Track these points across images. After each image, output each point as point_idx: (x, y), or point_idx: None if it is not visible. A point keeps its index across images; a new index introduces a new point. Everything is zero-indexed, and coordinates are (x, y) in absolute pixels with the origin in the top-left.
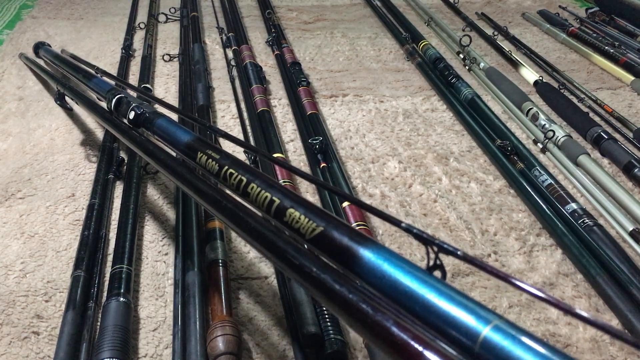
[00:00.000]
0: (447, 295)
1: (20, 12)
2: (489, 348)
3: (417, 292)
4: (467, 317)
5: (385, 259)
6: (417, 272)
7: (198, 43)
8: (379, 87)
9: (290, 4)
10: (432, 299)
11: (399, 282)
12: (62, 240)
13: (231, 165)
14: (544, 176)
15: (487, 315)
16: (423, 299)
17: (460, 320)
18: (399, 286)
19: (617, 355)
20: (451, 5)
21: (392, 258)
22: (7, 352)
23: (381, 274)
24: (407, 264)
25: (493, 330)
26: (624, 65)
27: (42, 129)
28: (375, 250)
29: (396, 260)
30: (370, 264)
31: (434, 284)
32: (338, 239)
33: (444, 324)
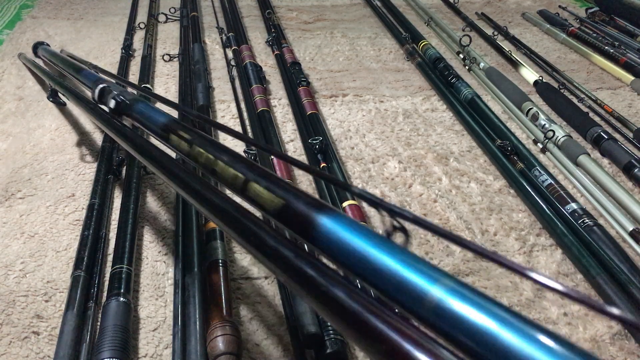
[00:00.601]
0: (399, 258)
1: (20, 12)
2: (439, 309)
3: (370, 257)
4: (416, 279)
5: (342, 225)
6: (372, 237)
7: (198, 43)
8: (379, 87)
9: (290, 4)
10: (384, 263)
11: (354, 247)
12: (62, 240)
13: (200, 143)
14: (544, 176)
15: (437, 276)
16: (375, 263)
17: (410, 282)
18: (354, 252)
19: (617, 355)
20: (451, 5)
21: (348, 224)
22: (7, 352)
23: (336, 240)
24: (363, 229)
25: (443, 291)
26: (624, 65)
27: (42, 129)
28: (332, 217)
29: (352, 226)
30: (327, 231)
31: (388, 249)
32: (298, 209)
33: (394, 287)
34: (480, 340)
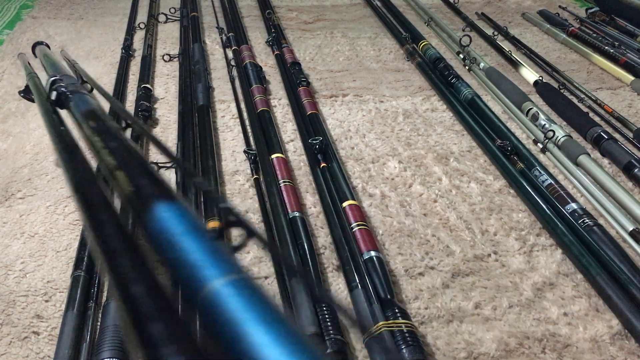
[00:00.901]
0: (195, 242)
1: (20, 12)
2: (211, 300)
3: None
4: (201, 265)
5: (172, 215)
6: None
7: (198, 43)
8: (379, 87)
9: (290, 4)
10: (182, 243)
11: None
12: (62, 240)
13: (101, 131)
14: (544, 176)
15: (223, 270)
16: (173, 242)
17: (194, 268)
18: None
19: (617, 355)
20: (451, 5)
21: (178, 215)
22: (7, 352)
23: (159, 223)
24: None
25: (222, 285)
26: (624, 65)
27: (42, 129)
28: (167, 206)
29: (179, 218)
30: (158, 218)
31: (194, 234)
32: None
33: (181, 268)
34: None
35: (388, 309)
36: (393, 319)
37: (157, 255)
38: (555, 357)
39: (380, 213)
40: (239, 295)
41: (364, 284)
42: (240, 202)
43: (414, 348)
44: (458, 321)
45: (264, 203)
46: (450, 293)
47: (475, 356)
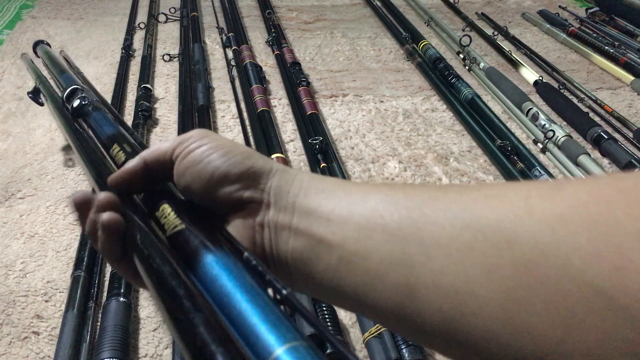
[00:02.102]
0: (260, 309)
1: (20, 12)
2: None
3: (234, 297)
4: (268, 333)
5: (224, 269)
6: (245, 283)
7: (198, 43)
8: (379, 87)
9: (290, 4)
10: (246, 309)
11: (226, 287)
12: (62, 240)
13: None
14: (544, 176)
15: (288, 336)
16: (239, 306)
17: (262, 334)
18: (224, 290)
19: None
20: (451, 5)
21: (231, 266)
22: (7, 352)
23: (213, 278)
24: (241, 274)
25: (287, 351)
26: (624, 65)
27: (42, 129)
28: (218, 258)
29: (233, 268)
30: (210, 270)
31: (255, 296)
32: (191, 240)
33: (249, 335)
34: None
35: None
36: None
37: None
38: None
39: None
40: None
41: None
42: None
43: (414, 348)
44: None
45: None
46: None
47: None
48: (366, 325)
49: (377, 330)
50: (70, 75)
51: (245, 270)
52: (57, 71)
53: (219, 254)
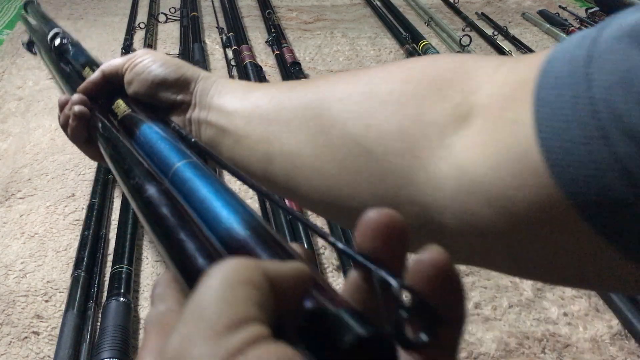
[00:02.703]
0: (165, 143)
1: (20, 12)
2: (178, 177)
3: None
4: (169, 151)
5: (156, 132)
6: (173, 143)
7: (198, 43)
8: None
9: (290, 4)
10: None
11: (158, 145)
12: (62, 240)
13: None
14: None
15: (183, 156)
16: (166, 152)
17: (165, 152)
18: (157, 147)
19: (617, 355)
20: (451, 5)
21: (161, 131)
22: (7, 352)
23: (150, 141)
24: (167, 134)
25: (183, 165)
26: None
27: (42, 129)
28: (151, 126)
29: (162, 132)
30: (145, 133)
31: (178, 147)
32: (134, 118)
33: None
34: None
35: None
36: None
37: (144, 156)
38: (555, 357)
39: None
40: (195, 169)
41: None
42: None
43: None
44: None
45: (264, 203)
46: None
47: (475, 356)
48: None
49: None
50: (53, 24)
51: (169, 132)
52: (43, 22)
53: (152, 123)
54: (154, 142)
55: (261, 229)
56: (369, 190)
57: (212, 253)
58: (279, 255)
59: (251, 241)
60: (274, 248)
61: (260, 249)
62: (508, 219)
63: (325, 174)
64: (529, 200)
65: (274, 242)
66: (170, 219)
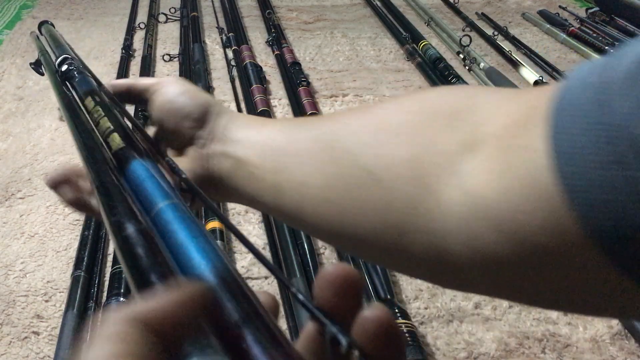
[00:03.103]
0: (153, 182)
1: (20, 12)
2: (159, 217)
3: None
4: (154, 187)
5: (141, 168)
6: (163, 183)
7: (198, 43)
8: (379, 87)
9: (290, 4)
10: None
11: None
12: (62, 240)
13: (102, 107)
14: None
15: (167, 195)
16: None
17: (151, 191)
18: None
19: (617, 355)
20: (451, 5)
21: (147, 170)
22: (7, 352)
23: (134, 178)
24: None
25: (165, 206)
26: None
27: (42, 129)
28: (139, 163)
29: (152, 169)
30: (132, 170)
31: (154, 179)
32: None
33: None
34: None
35: (388, 309)
36: None
37: (131, 193)
38: (555, 357)
39: None
40: (176, 212)
41: (364, 284)
42: None
43: (414, 348)
44: (458, 321)
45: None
46: (450, 293)
47: (475, 356)
48: None
49: None
50: (65, 48)
51: (159, 170)
52: (55, 45)
53: (144, 160)
54: (142, 179)
55: (230, 278)
56: (377, 218)
57: None
58: (241, 304)
59: (218, 290)
60: (238, 297)
61: (226, 298)
62: (519, 245)
63: (333, 203)
64: (540, 225)
65: (240, 293)
66: (144, 259)
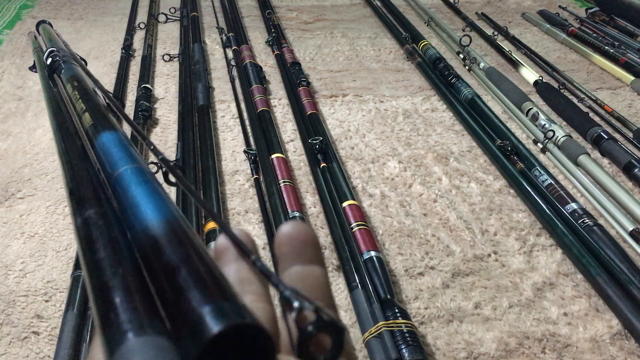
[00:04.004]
0: (120, 149)
1: (20, 12)
2: (119, 180)
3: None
4: (118, 154)
5: (112, 140)
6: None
7: (198, 43)
8: (379, 87)
9: (290, 4)
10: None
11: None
12: (62, 240)
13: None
14: (544, 176)
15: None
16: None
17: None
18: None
19: (617, 355)
20: (451, 5)
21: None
22: (7, 352)
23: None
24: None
25: (126, 170)
26: (624, 65)
27: (42, 129)
28: (108, 134)
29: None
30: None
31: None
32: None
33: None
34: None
35: (388, 309)
36: (393, 319)
37: (100, 163)
38: (555, 357)
39: (380, 213)
40: (135, 175)
41: (364, 284)
42: (240, 202)
43: (414, 348)
44: (458, 321)
45: (264, 203)
46: (450, 293)
47: (475, 356)
48: (366, 325)
49: (377, 330)
50: (56, 43)
51: (128, 140)
52: (48, 42)
53: (114, 130)
54: (108, 147)
55: (177, 227)
56: None
57: (121, 273)
58: (183, 251)
59: (162, 238)
60: (182, 245)
61: (168, 244)
62: None
63: None
64: None
65: (186, 240)
66: (93, 247)
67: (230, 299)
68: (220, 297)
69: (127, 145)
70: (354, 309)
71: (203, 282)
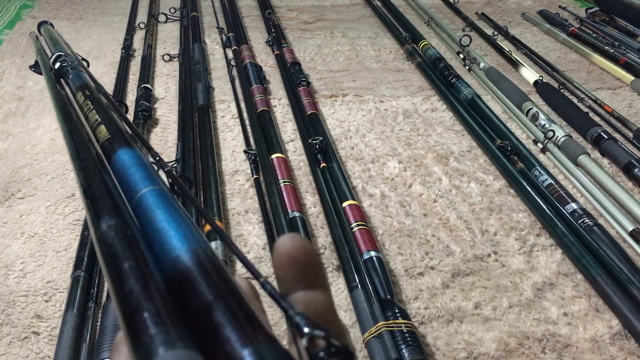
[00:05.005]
0: (139, 169)
1: (20, 12)
2: (142, 203)
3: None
4: (138, 174)
5: (131, 158)
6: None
7: (198, 43)
8: (379, 87)
9: (290, 4)
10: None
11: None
12: (62, 240)
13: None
14: (544, 176)
15: (151, 182)
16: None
17: (136, 177)
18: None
19: (617, 355)
20: (451, 5)
21: (135, 157)
22: (7, 352)
23: (120, 167)
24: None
25: (148, 192)
26: (624, 65)
27: (42, 129)
28: (127, 152)
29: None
30: (119, 161)
31: (139, 165)
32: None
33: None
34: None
35: (388, 309)
36: (393, 319)
37: (119, 181)
38: (555, 357)
39: (380, 213)
40: (158, 198)
41: (364, 284)
42: (240, 202)
43: (414, 348)
44: (458, 321)
45: (264, 203)
46: (450, 293)
47: (475, 356)
48: (366, 325)
49: (376, 330)
50: (61, 46)
51: (145, 158)
52: (52, 44)
53: (130, 148)
54: (127, 167)
55: (208, 261)
56: None
57: (149, 286)
58: (217, 287)
59: (194, 273)
60: (216, 281)
61: (202, 279)
62: None
63: None
64: None
65: (217, 274)
66: (117, 256)
67: (270, 342)
68: (259, 339)
69: (146, 165)
70: (353, 309)
71: (239, 322)
